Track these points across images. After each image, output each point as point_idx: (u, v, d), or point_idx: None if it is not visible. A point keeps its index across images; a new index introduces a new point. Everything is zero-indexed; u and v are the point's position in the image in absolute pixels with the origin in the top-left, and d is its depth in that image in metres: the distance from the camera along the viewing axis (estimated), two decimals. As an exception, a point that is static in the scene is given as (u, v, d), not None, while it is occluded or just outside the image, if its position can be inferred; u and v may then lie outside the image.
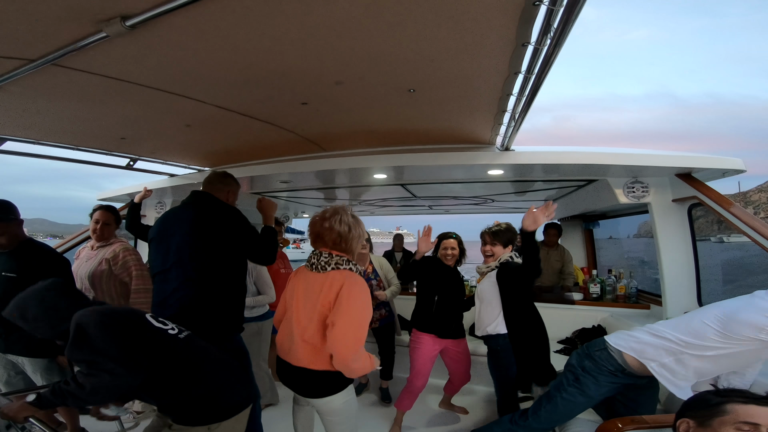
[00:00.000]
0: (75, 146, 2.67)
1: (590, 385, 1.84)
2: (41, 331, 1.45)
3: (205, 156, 3.16)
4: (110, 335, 1.33)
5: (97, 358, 1.29)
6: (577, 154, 2.64)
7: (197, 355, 1.54)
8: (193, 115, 2.12)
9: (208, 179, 2.28)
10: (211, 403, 1.48)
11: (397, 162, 2.81)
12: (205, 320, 1.97)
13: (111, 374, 1.28)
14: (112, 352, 1.30)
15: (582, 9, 1.08)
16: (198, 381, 1.48)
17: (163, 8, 1.10)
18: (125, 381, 1.31)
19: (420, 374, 2.78)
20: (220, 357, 1.61)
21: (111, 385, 1.29)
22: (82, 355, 1.32)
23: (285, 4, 1.15)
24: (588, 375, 1.86)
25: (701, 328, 1.62)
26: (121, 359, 1.30)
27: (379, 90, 1.84)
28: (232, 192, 2.31)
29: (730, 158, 2.58)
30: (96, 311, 1.41)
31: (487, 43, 1.36)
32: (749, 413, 1.13)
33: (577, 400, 1.87)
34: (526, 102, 1.81)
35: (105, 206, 2.82)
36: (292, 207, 5.89)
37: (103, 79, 1.62)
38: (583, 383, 1.86)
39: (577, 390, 1.87)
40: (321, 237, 1.81)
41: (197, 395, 1.46)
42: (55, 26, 1.23)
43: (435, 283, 2.82)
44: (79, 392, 1.28)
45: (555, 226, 4.59)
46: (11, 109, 1.95)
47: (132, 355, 1.34)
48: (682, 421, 1.25)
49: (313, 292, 1.72)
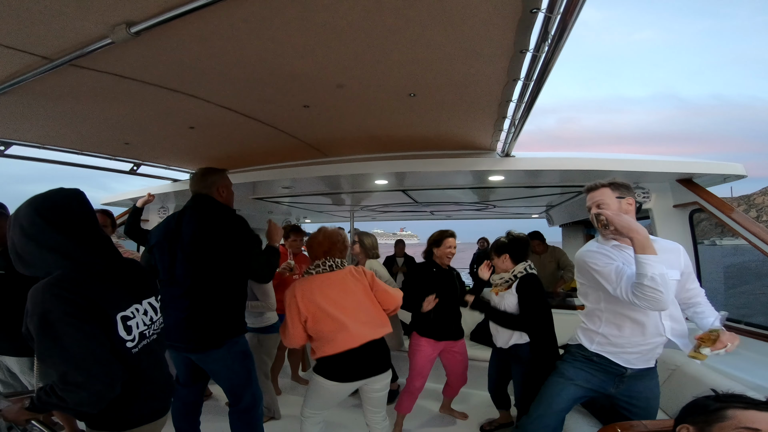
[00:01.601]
0: (79, 151, 2.71)
1: (567, 368, 1.95)
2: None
3: (207, 161, 3.18)
4: (82, 333, 1.19)
5: (68, 370, 1.16)
6: (578, 159, 2.65)
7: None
8: (196, 115, 2.14)
9: (192, 181, 2.24)
10: (130, 408, 1.37)
11: (398, 168, 2.83)
12: (209, 325, 2.02)
13: (88, 392, 1.17)
14: (86, 363, 1.18)
15: (579, 16, 1.09)
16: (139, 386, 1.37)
17: (169, 14, 1.12)
18: (107, 396, 1.21)
19: (419, 375, 2.78)
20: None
21: (90, 400, 1.18)
22: (51, 362, 1.19)
23: (287, 9, 1.17)
24: (564, 361, 2.00)
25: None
26: (98, 371, 1.19)
27: (379, 93, 1.86)
28: (221, 186, 2.23)
29: (731, 164, 2.58)
30: (59, 295, 1.21)
31: (486, 50, 1.38)
32: (750, 418, 1.12)
33: (556, 383, 1.96)
34: (525, 108, 1.83)
35: (100, 210, 2.83)
36: (294, 212, 5.92)
37: (111, 79, 1.64)
38: (560, 368, 1.99)
39: (556, 374, 1.99)
40: (332, 249, 2.24)
41: (122, 401, 1.32)
42: (66, 27, 1.25)
43: (432, 287, 2.77)
44: (63, 405, 1.20)
45: (536, 236, 4.66)
46: (19, 113, 1.99)
47: (108, 364, 1.22)
48: (681, 427, 1.25)
49: (348, 283, 2.15)
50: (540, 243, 4.68)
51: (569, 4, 1.04)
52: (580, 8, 1.05)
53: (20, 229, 1.29)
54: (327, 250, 2.22)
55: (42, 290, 1.22)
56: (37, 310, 1.19)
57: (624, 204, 1.79)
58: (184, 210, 2.18)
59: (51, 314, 1.19)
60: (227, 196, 2.27)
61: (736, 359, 2.13)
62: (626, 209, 1.78)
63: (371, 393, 2.21)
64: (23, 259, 1.31)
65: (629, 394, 1.85)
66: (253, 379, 2.23)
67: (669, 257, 1.75)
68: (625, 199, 1.81)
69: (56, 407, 1.23)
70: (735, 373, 2.04)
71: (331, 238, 2.25)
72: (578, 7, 1.04)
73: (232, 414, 2.24)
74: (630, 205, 1.80)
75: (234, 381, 2.18)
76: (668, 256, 1.75)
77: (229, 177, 2.31)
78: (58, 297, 1.22)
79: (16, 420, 1.30)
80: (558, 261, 4.64)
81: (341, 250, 2.26)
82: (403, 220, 7.87)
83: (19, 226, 1.29)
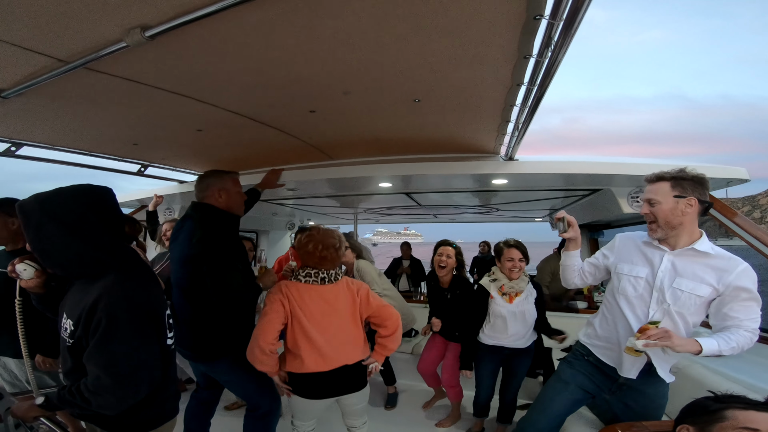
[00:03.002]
0: (89, 152, 2.75)
1: (565, 370, 1.96)
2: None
3: (214, 163, 3.22)
4: (139, 340, 1.21)
5: (108, 373, 1.18)
6: (581, 163, 2.66)
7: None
8: (204, 119, 2.17)
9: (196, 187, 2.21)
10: (151, 410, 1.38)
11: (402, 171, 2.86)
12: (206, 336, 2.03)
13: (115, 396, 1.19)
14: (132, 367, 1.19)
15: (582, 22, 1.12)
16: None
17: (182, 19, 1.16)
18: (131, 399, 1.23)
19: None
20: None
21: (117, 405, 1.21)
22: (93, 362, 1.19)
23: (296, 16, 1.20)
24: (564, 362, 1.99)
25: None
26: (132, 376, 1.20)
27: (385, 99, 1.88)
28: (219, 190, 2.13)
29: (735, 168, 2.59)
30: (131, 299, 1.22)
31: (490, 56, 1.40)
32: (749, 419, 1.14)
33: (553, 386, 1.97)
34: (528, 112, 1.85)
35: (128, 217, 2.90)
36: (298, 214, 5.95)
37: (122, 81, 1.67)
38: (559, 370, 2.01)
39: (555, 377, 2.00)
40: (324, 261, 2.01)
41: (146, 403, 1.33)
42: (80, 32, 1.29)
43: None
44: (85, 406, 1.21)
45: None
46: (31, 115, 2.02)
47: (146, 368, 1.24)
48: (682, 428, 1.26)
49: (337, 302, 1.97)
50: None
51: (572, 11, 1.06)
52: (583, 14, 1.07)
53: (61, 225, 1.23)
54: (318, 261, 1.99)
55: (117, 293, 1.21)
56: (106, 310, 1.18)
57: (682, 204, 1.61)
58: (184, 218, 2.17)
59: (119, 316, 1.19)
60: (227, 200, 2.14)
61: (737, 362, 2.14)
62: (683, 211, 1.61)
63: (347, 407, 2.11)
64: (57, 257, 1.26)
65: (625, 402, 1.83)
66: (268, 383, 2.16)
67: (702, 270, 1.61)
68: (685, 200, 1.60)
69: (75, 407, 1.23)
70: (736, 375, 2.05)
71: (323, 247, 1.98)
72: (581, 13, 1.06)
73: (248, 417, 2.22)
74: (690, 206, 1.60)
75: (247, 390, 2.17)
76: (703, 269, 1.61)
77: (234, 179, 2.22)
78: (132, 302, 1.23)
79: (24, 417, 1.30)
80: None
81: (334, 259, 2.02)
82: (407, 223, 7.91)
83: (60, 222, 1.23)
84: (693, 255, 1.62)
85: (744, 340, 1.52)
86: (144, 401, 1.28)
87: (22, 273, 1.39)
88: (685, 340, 1.54)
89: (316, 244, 1.99)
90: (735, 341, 1.51)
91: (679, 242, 1.64)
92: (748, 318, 1.54)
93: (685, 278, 1.61)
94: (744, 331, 1.53)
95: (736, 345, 1.51)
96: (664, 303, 1.66)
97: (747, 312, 1.54)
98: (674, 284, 1.63)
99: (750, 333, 1.53)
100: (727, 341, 1.52)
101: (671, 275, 1.65)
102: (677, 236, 1.65)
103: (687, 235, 1.64)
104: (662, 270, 1.67)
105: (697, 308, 1.63)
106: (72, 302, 1.30)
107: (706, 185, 1.63)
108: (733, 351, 1.52)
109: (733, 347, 1.51)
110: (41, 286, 1.43)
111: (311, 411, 2.06)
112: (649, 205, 1.67)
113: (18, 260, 1.40)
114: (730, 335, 1.53)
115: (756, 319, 1.54)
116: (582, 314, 3.74)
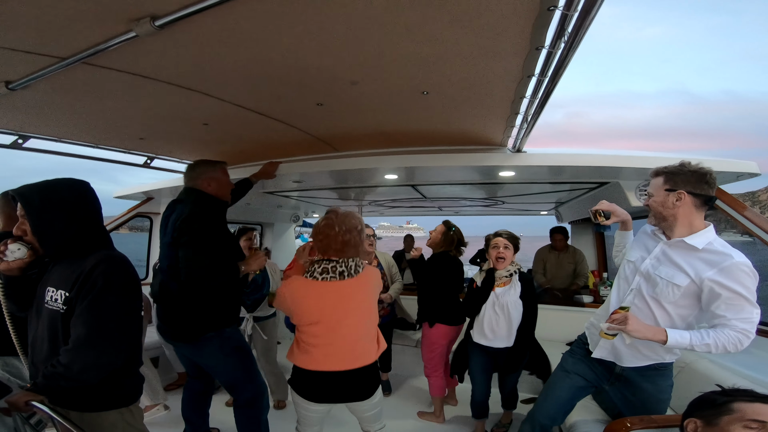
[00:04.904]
0: (95, 144, 2.76)
1: (567, 359, 2.00)
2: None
3: (220, 155, 3.22)
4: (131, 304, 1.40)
5: (94, 327, 1.31)
6: (589, 156, 2.64)
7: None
8: (211, 113, 2.17)
9: (186, 174, 2.29)
10: (125, 385, 1.48)
11: (408, 163, 2.84)
12: (188, 316, 2.06)
13: (96, 351, 1.31)
14: (113, 324, 1.34)
15: (598, 13, 1.10)
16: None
17: (192, 9, 1.15)
18: (110, 360, 1.35)
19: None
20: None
21: (97, 363, 1.31)
22: (82, 320, 1.32)
23: (305, 5, 1.19)
24: (568, 352, 2.03)
25: None
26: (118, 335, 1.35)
27: (393, 91, 1.87)
28: (208, 179, 2.21)
29: (745, 161, 2.56)
30: (127, 271, 1.43)
31: (501, 47, 1.38)
32: (756, 411, 1.14)
33: (557, 374, 2.01)
34: (539, 105, 1.83)
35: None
36: (302, 207, 5.95)
37: (128, 76, 1.67)
38: (563, 359, 2.03)
39: (559, 366, 2.03)
40: (348, 244, 1.79)
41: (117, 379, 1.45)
42: (86, 25, 1.28)
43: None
44: (68, 373, 1.29)
45: (560, 230, 4.57)
46: (37, 107, 2.03)
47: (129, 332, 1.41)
48: (689, 421, 1.27)
49: (357, 296, 1.79)
50: (562, 238, 4.50)
51: (587, 2, 1.04)
52: (599, 6, 1.05)
53: (62, 210, 1.40)
54: (341, 246, 1.77)
55: (113, 261, 1.40)
56: (104, 274, 1.35)
57: (672, 197, 1.62)
58: (174, 201, 2.23)
59: (114, 281, 1.36)
60: (216, 188, 2.24)
61: (744, 357, 2.13)
62: (673, 203, 1.62)
63: (359, 413, 1.91)
64: (57, 238, 1.40)
65: (624, 395, 1.83)
66: (253, 372, 2.18)
67: (687, 261, 1.59)
68: (675, 193, 1.61)
69: (59, 378, 1.29)
70: (743, 370, 2.05)
71: (346, 229, 1.76)
72: (597, 5, 1.05)
73: (236, 410, 2.23)
74: (680, 199, 1.60)
75: (231, 376, 2.17)
76: (689, 260, 1.59)
77: (223, 169, 2.30)
78: (126, 272, 1.42)
79: (17, 403, 1.30)
80: (576, 266, 4.43)
81: (357, 244, 1.80)
82: (411, 216, 7.88)
83: (61, 209, 1.40)
84: (684, 247, 1.62)
85: (728, 340, 1.45)
86: (121, 372, 1.43)
87: (16, 252, 1.42)
88: (647, 328, 1.54)
89: (337, 226, 1.76)
90: (713, 339, 1.46)
91: (674, 233, 1.66)
92: (737, 317, 1.47)
93: (666, 266, 1.64)
94: (731, 331, 1.46)
95: (714, 343, 1.46)
96: (642, 288, 1.70)
97: (735, 311, 1.47)
98: (656, 271, 1.67)
99: (738, 333, 1.46)
100: (703, 337, 1.48)
101: (656, 263, 1.69)
102: (671, 227, 1.67)
103: (684, 227, 1.64)
104: (652, 257, 1.72)
105: (678, 299, 1.59)
106: (61, 275, 1.41)
107: (704, 179, 1.60)
108: (710, 349, 1.46)
109: (708, 344, 1.46)
110: (22, 267, 1.48)
111: (314, 418, 1.86)
112: (648, 197, 1.74)
113: (11, 240, 1.44)
114: (710, 332, 1.49)
115: (747, 319, 1.46)
116: (587, 308, 3.73)
